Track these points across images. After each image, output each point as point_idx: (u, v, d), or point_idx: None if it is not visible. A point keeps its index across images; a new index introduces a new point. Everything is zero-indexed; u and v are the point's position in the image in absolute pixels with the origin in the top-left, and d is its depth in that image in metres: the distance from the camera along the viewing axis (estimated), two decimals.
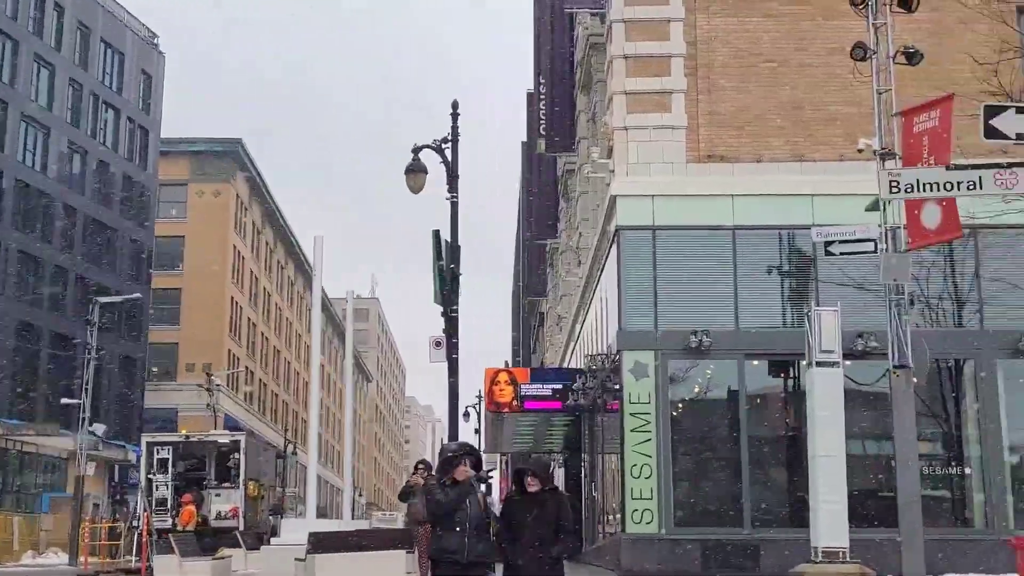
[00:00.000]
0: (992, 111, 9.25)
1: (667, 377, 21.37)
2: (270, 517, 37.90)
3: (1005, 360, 20.91)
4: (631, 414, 21.07)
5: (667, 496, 20.70)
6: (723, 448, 21.66)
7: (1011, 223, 19.13)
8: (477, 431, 51.20)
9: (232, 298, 74.89)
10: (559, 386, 27.95)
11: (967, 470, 20.90)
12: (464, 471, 9.46)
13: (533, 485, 9.76)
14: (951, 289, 21.39)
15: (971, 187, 9.17)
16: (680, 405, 21.96)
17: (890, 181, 9.24)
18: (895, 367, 16.98)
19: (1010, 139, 9.10)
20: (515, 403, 28.25)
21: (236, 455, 34.56)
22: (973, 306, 21.19)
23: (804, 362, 17.68)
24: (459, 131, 22.29)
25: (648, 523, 20.55)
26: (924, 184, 9.30)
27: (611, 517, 24.84)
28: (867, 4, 17.75)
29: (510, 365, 58.20)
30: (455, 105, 22.45)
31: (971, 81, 17.47)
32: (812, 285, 21.19)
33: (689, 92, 22.17)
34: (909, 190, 9.33)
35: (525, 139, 52.60)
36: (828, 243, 18.09)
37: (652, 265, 21.69)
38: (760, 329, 21.35)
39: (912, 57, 17.77)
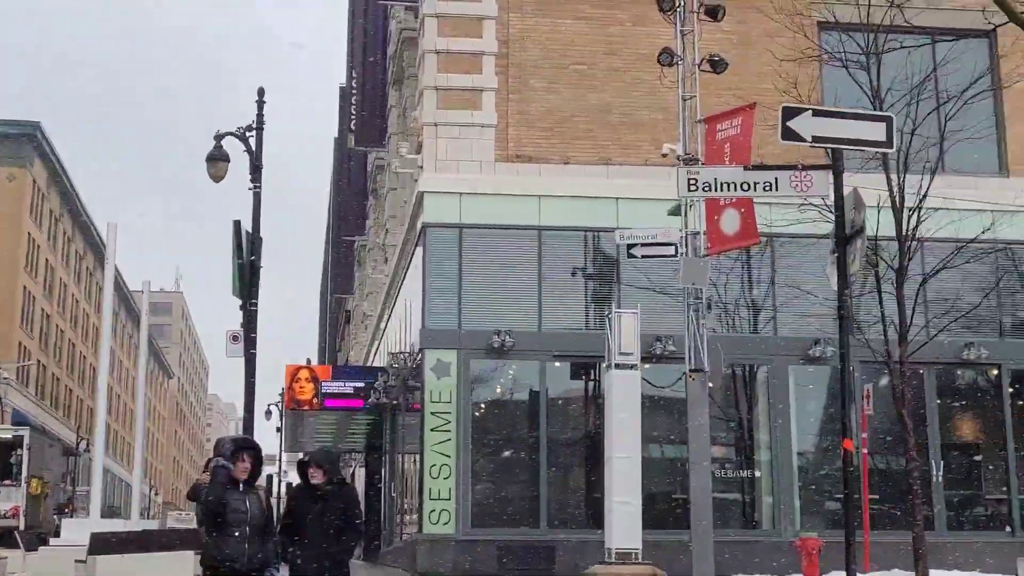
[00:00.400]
0: (790, 113, 9.33)
1: (469, 377, 21.19)
2: (55, 516, 36.28)
3: (797, 366, 21.46)
4: (432, 413, 20.80)
5: (465, 497, 20.50)
6: (523, 449, 21.61)
7: (805, 232, 19.63)
8: (279, 430, 50.18)
9: (25, 288, 71.55)
10: (361, 384, 27.56)
11: (757, 473, 21.37)
12: (244, 468, 8.85)
13: (316, 476, 9.18)
14: (747, 295, 21.87)
15: (767, 188, 9.22)
16: (482, 405, 21.82)
17: (688, 179, 9.21)
18: (691, 371, 17.26)
19: (806, 141, 9.20)
20: (315, 401, 27.74)
21: (19, 451, 32.98)
22: (768, 313, 21.70)
23: (604, 364, 17.76)
24: (264, 119, 21.71)
25: (445, 524, 20.32)
26: (722, 183, 9.31)
27: (409, 517, 24.53)
28: (675, 11, 18.01)
29: (313, 363, 57.27)
30: (261, 92, 21.84)
31: (772, 92, 17.86)
32: (615, 288, 21.32)
33: (500, 91, 22.06)
34: (707, 188, 9.33)
35: (337, 134, 51.87)
36: (630, 246, 18.30)
37: (458, 263, 21.48)
38: (563, 331, 21.38)
39: (717, 65, 18.11)
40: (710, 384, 17.92)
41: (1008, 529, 21.19)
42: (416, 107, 23.98)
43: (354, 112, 37.41)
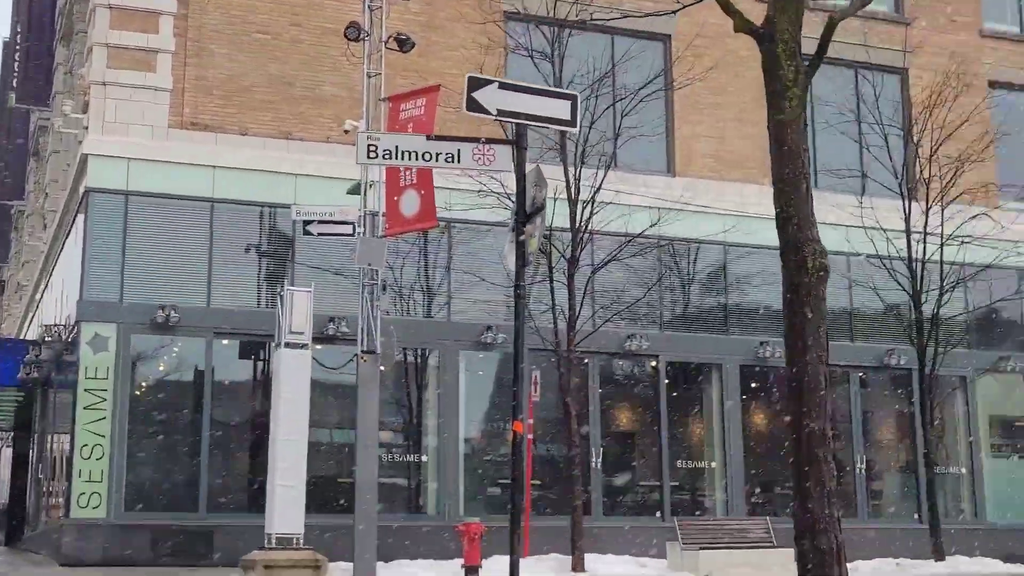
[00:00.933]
0: (476, 83, 9.19)
1: (130, 353, 20.03)
2: None
3: (468, 352, 21.55)
4: (86, 390, 19.51)
5: (119, 479, 19.36)
6: (185, 430, 20.65)
7: (483, 219, 19.81)
8: None
9: None
10: (11, 359, 25.80)
11: (424, 458, 21.31)
12: None
13: None
14: (423, 280, 21.78)
15: (449, 159, 9.02)
16: (143, 383, 20.70)
17: (368, 145, 8.87)
18: (363, 352, 17.03)
19: (491, 114, 9.07)
20: None
21: None
22: (443, 298, 21.67)
23: (274, 343, 17.23)
24: None
25: (96, 507, 19.11)
26: (403, 152, 9.03)
27: (56, 501, 23.04)
28: None
29: None
30: None
31: (458, 77, 17.76)
32: (289, 266, 20.73)
33: (177, 54, 20.94)
34: (387, 156, 9.02)
35: None
36: (307, 223, 17.87)
37: (122, 233, 20.23)
38: (233, 308, 20.56)
39: (404, 44, 17.93)
40: (382, 367, 17.73)
41: (659, 515, 22.10)
42: (84, 64, 22.49)
43: (18, 68, 35.11)
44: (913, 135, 23.10)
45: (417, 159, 9.00)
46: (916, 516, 23.71)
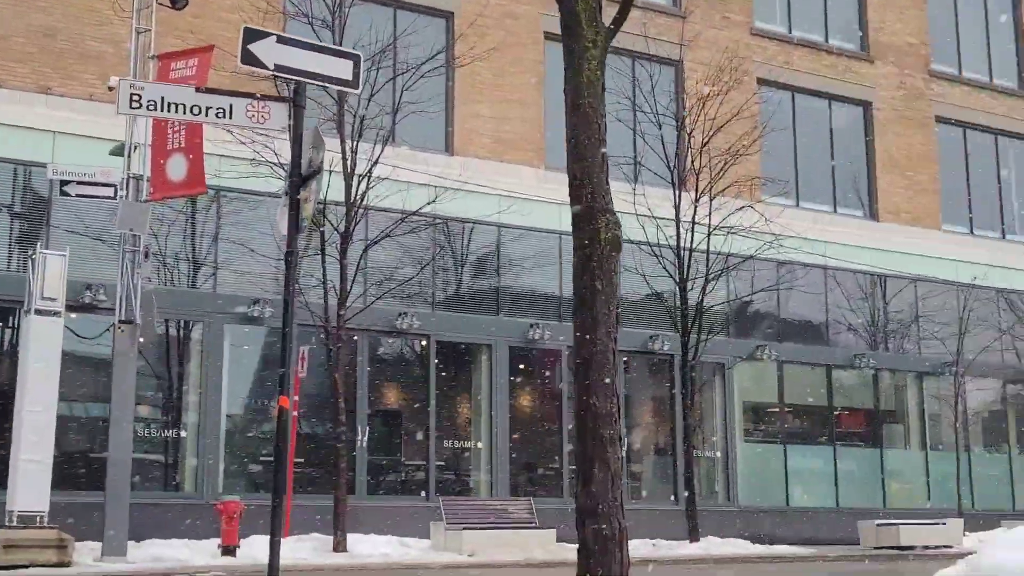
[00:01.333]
0: (252, 35, 8.71)
1: None
2: None
3: (233, 325, 20.81)
4: None
5: None
6: None
7: (255, 189, 19.17)
8: None
9: None
10: None
11: (183, 434, 20.49)
12: None
13: None
14: (189, 248, 20.91)
15: (220, 114, 8.50)
16: None
17: (131, 94, 8.28)
18: (121, 322, 16.27)
19: (268, 68, 8.59)
20: None
21: None
22: (209, 268, 20.87)
23: (24, 309, 16.25)
24: None
25: None
26: (170, 104, 8.44)
27: None
28: None
29: None
30: None
31: (234, 41, 17.07)
32: (44, 228, 19.56)
33: None
34: (152, 107, 8.42)
35: None
36: (64, 183, 16.95)
37: None
38: None
39: (176, 1, 17.18)
40: (141, 338, 16.99)
41: (423, 494, 21.95)
42: None
43: None
44: (686, 126, 23.62)
45: (185, 112, 8.45)
46: (673, 498, 24.35)
